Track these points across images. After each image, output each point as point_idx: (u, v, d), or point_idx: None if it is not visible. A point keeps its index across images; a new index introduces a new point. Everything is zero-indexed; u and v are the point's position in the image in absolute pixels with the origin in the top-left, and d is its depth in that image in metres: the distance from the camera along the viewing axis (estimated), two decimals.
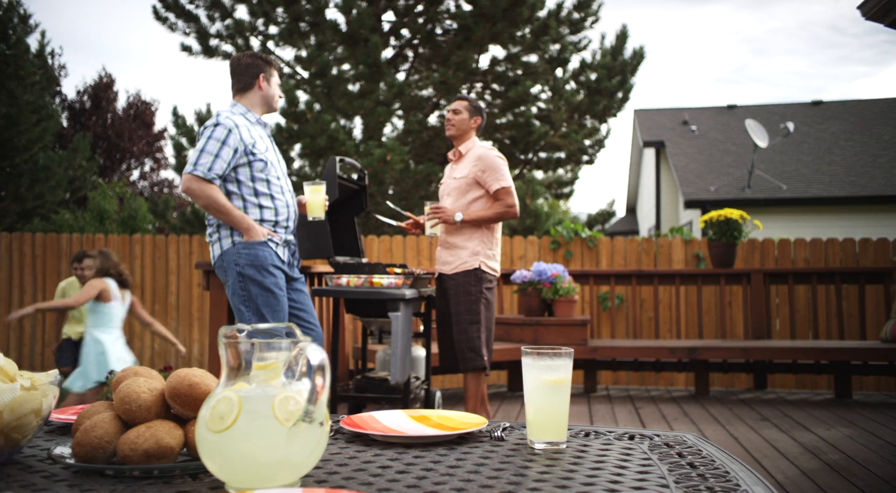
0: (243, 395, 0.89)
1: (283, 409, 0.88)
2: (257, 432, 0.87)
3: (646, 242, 7.02)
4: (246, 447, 0.86)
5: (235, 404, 0.88)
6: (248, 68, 3.14)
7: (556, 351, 1.22)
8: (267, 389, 0.91)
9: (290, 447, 0.87)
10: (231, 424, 0.87)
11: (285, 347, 0.92)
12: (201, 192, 2.93)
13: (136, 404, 0.99)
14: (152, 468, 0.95)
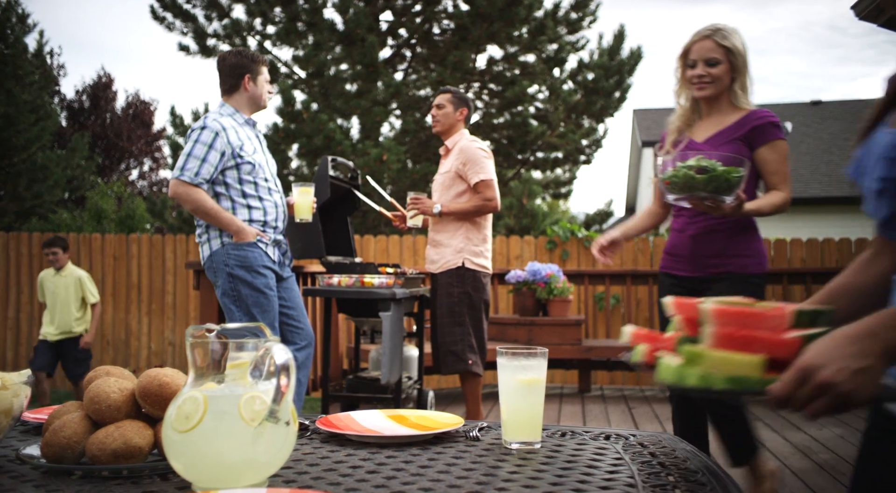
0: (209, 395, 0.89)
1: (249, 409, 0.89)
2: (223, 431, 0.87)
3: (642, 242, 7.02)
4: (211, 446, 0.87)
5: (201, 403, 0.88)
6: (234, 69, 3.12)
7: (531, 351, 1.22)
8: (234, 388, 0.91)
9: (255, 447, 0.87)
10: (196, 423, 0.87)
11: (252, 347, 0.92)
12: (188, 197, 2.93)
13: (106, 404, 0.99)
14: (121, 467, 0.95)
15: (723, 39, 2.35)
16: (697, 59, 2.36)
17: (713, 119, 2.45)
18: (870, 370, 0.75)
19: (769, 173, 2.37)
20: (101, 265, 7.59)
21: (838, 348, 0.76)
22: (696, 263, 2.45)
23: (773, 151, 2.37)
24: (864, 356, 0.75)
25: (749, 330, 0.78)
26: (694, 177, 1.99)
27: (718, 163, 2.01)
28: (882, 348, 0.75)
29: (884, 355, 0.76)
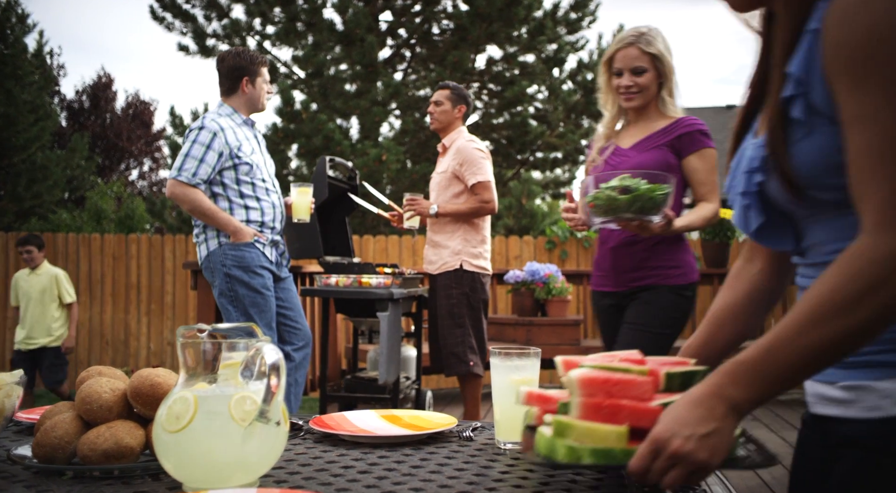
0: (200, 395, 0.89)
1: (239, 409, 0.89)
2: (213, 431, 0.87)
3: None
4: (202, 446, 0.87)
5: (191, 403, 0.88)
6: (232, 71, 3.12)
7: (524, 351, 1.22)
8: (225, 389, 0.91)
9: (245, 447, 0.87)
10: (187, 424, 0.87)
11: (243, 347, 0.92)
12: (185, 197, 2.93)
13: (98, 404, 0.99)
14: (112, 468, 0.95)
15: (647, 46, 2.26)
16: (623, 68, 2.29)
17: (641, 126, 2.38)
18: (717, 434, 0.74)
19: (698, 183, 2.29)
20: (100, 265, 7.59)
21: (684, 414, 0.74)
22: (617, 277, 2.35)
23: (702, 160, 2.28)
24: (710, 420, 0.73)
25: (615, 399, 0.77)
26: (616, 198, 1.89)
27: (643, 181, 1.92)
28: (726, 407, 0.74)
29: (730, 415, 0.74)
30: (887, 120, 0.72)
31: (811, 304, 0.73)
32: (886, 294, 0.70)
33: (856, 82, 0.74)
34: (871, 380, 0.81)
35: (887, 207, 0.71)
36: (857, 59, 0.73)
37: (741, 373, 0.75)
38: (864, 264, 0.71)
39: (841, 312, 0.71)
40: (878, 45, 0.72)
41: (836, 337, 0.72)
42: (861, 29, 0.73)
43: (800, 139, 0.82)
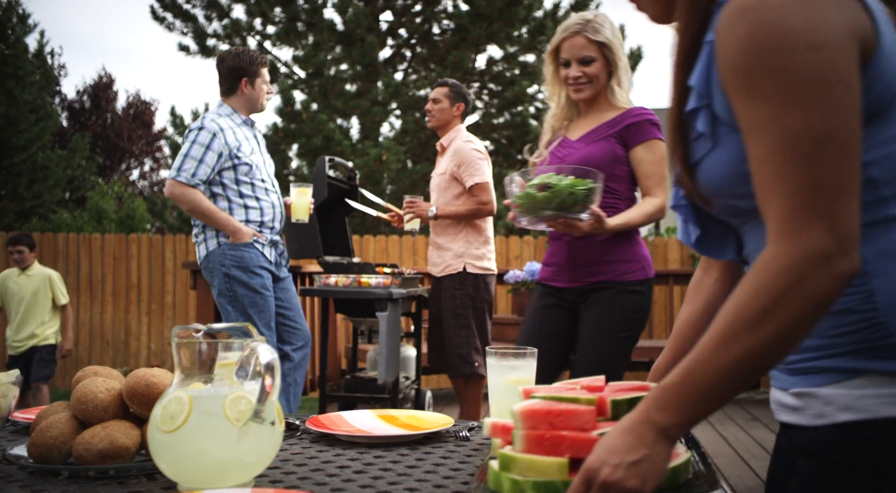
0: (194, 395, 0.89)
1: (234, 409, 0.89)
2: (208, 431, 0.87)
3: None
4: (196, 446, 0.87)
5: (186, 404, 0.88)
6: (231, 72, 3.12)
7: (520, 351, 1.22)
8: (220, 388, 0.92)
9: (240, 447, 0.88)
10: (181, 424, 0.87)
11: (239, 347, 0.92)
12: (185, 197, 2.93)
13: (93, 404, 0.99)
14: (108, 468, 0.95)
15: (594, 34, 2.14)
16: (570, 58, 2.15)
17: (590, 117, 2.26)
18: (647, 460, 0.72)
19: (644, 176, 2.17)
20: (100, 265, 7.60)
21: (614, 443, 0.73)
22: (572, 271, 2.22)
23: (649, 151, 2.16)
24: (640, 447, 0.72)
25: (557, 430, 0.76)
26: (535, 196, 1.79)
27: (568, 177, 1.82)
28: (655, 433, 0.73)
29: (659, 440, 0.73)
30: (776, 130, 0.71)
31: (724, 321, 0.72)
32: (793, 304, 0.69)
33: (744, 94, 0.74)
34: (814, 386, 0.81)
35: (785, 217, 0.71)
36: (741, 71, 0.73)
37: (665, 398, 0.74)
38: (769, 276, 0.71)
39: (750, 327, 0.70)
40: (757, 57, 0.72)
41: (750, 353, 0.70)
42: (740, 41, 0.73)
43: (708, 152, 0.82)
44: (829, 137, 0.70)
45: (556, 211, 1.81)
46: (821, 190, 0.70)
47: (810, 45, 0.70)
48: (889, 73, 0.76)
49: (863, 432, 0.76)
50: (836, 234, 0.69)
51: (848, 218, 0.70)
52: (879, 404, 0.75)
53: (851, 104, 0.71)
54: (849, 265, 0.69)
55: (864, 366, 0.76)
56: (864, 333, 0.77)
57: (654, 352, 5.37)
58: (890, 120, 0.77)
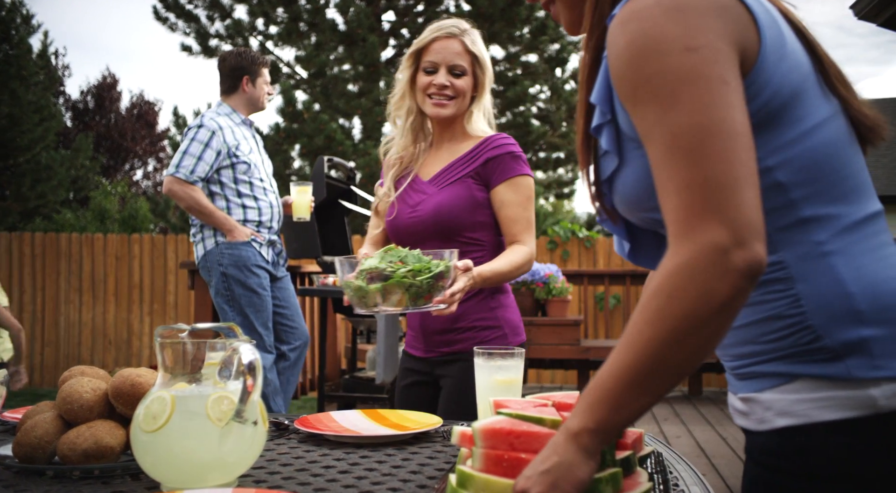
0: (177, 394, 0.90)
1: (216, 409, 0.89)
2: (189, 431, 0.87)
3: None
4: (178, 446, 0.87)
5: (168, 403, 0.88)
6: (233, 70, 3.14)
7: (508, 351, 1.22)
8: (203, 388, 0.92)
9: (222, 447, 0.88)
10: (164, 423, 0.87)
11: (222, 347, 0.93)
12: (183, 194, 2.94)
13: (78, 404, 0.99)
14: (92, 467, 0.95)
15: (472, 44, 1.75)
16: (439, 63, 1.73)
17: (443, 149, 1.81)
18: (557, 467, 0.71)
19: (508, 221, 1.73)
20: (103, 265, 7.62)
21: (538, 456, 0.73)
22: (426, 340, 1.78)
23: (513, 191, 1.73)
24: (552, 455, 0.72)
25: (516, 452, 0.76)
26: (365, 289, 1.41)
27: (411, 255, 1.44)
28: (567, 439, 0.72)
29: (571, 445, 0.72)
30: (662, 133, 0.71)
31: (628, 326, 0.71)
32: (687, 302, 0.67)
33: (632, 102, 0.74)
34: (755, 392, 0.80)
35: (678, 217, 0.70)
36: (625, 79, 0.74)
37: (577, 404, 0.73)
38: (663, 277, 0.70)
39: (647, 327, 0.69)
40: (637, 64, 0.72)
41: (648, 354, 0.69)
42: (621, 51, 0.74)
43: (617, 169, 0.82)
44: (711, 132, 0.69)
45: (395, 306, 1.43)
46: (709, 185, 0.68)
47: (685, 47, 0.71)
48: (776, 78, 0.76)
49: (798, 437, 0.76)
50: (729, 227, 0.67)
51: (742, 209, 0.68)
52: (813, 408, 0.75)
53: (732, 99, 0.70)
54: (746, 257, 0.67)
55: (797, 370, 0.76)
56: (794, 338, 0.76)
57: None
58: (784, 124, 0.76)
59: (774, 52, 0.76)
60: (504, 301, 1.78)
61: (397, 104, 1.80)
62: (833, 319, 0.75)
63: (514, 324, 1.78)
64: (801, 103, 0.77)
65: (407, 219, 1.75)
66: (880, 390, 0.73)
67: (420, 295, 1.40)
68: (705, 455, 3.62)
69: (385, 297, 1.38)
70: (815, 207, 0.77)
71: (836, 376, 0.74)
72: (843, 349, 0.74)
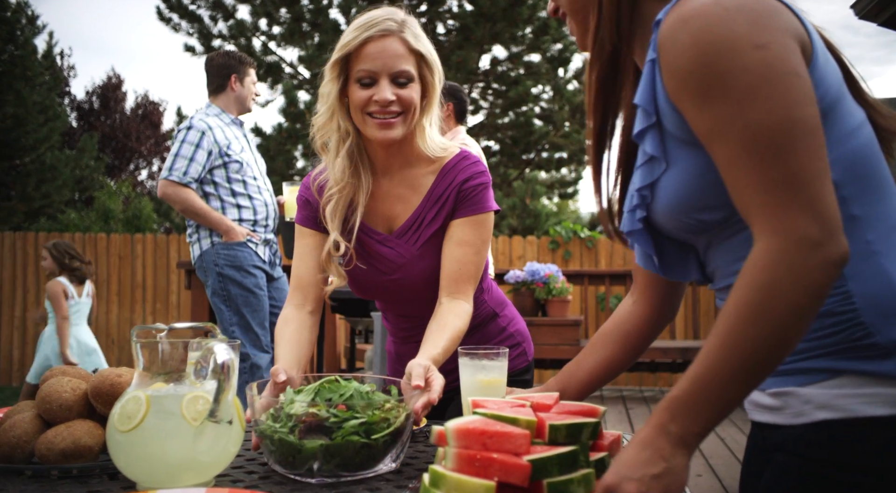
0: (152, 394, 0.90)
1: (191, 408, 0.89)
2: (164, 431, 0.88)
3: None
4: (153, 446, 0.87)
5: (143, 403, 0.89)
6: (221, 69, 3.14)
7: (493, 351, 1.22)
8: (180, 388, 0.92)
9: (197, 447, 0.88)
10: (138, 423, 0.88)
11: (198, 347, 0.93)
12: (177, 197, 2.95)
13: (57, 404, 1.00)
14: (71, 467, 0.96)
15: (416, 40, 1.35)
16: (379, 72, 1.33)
17: (396, 179, 1.42)
18: (669, 472, 0.72)
19: (456, 263, 1.37)
20: (106, 265, 7.65)
21: (633, 458, 0.74)
22: None
23: (474, 231, 1.38)
24: (658, 460, 0.72)
25: (488, 452, 0.76)
26: (296, 445, 0.94)
27: (359, 392, 1.04)
28: (674, 444, 0.73)
29: (678, 451, 0.73)
30: (739, 130, 0.72)
31: (724, 323, 0.72)
32: (789, 295, 0.70)
33: (699, 101, 0.74)
34: (795, 386, 0.81)
35: (767, 212, 0.72)
36: (692, 77, 0.74)
37: (677, 408, 0.74)
38: (758, 273, 0.71)
39: (750, 324, 0.71)
40: (706, 61, 0.73)
41: (754, 350, 0.71)
42: (686, 48, 0.74)
43: (662, 173, 0.83)
44: (793, 126, 0.71)
45: (336, 468, 0.96)
46: (797, 179, 0.71)
47: (755, 44, 0.72)
48: (827, 77, 0.78)
49: (840, 430, 0.77)
50: (820, 220, 0.70)
51: (828, 202, 0.71)
52: (858, 403, 0.77)
53: (807, 93, 0.72)
54: (838, 249, 0.70)
55: (844, 366, 0.78)
56: (844, 334, 0.78)
57: (652, 353, 5.37)
58: (833, 123, 0.78)
59: (821, 54, 0.79)
60: (510, 314, 1.57)
61: (325, 126, 1.39)
62: (884, 316, 0.77)
63: (525, 334, 1.60)
64: (842, 106, 0.80)
65: (381, 282, 1.42)
66: None
67: (373, 458, 0.98)
68: (703, 456, 3.61)
69: (327, 458, 0.94)
70: (862, 206, 0.79)
71: (884, 374, 0.76)
72: (892, 346, 0.76)
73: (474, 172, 1.39)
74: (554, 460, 0.77)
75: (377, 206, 1.43)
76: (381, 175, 1.43)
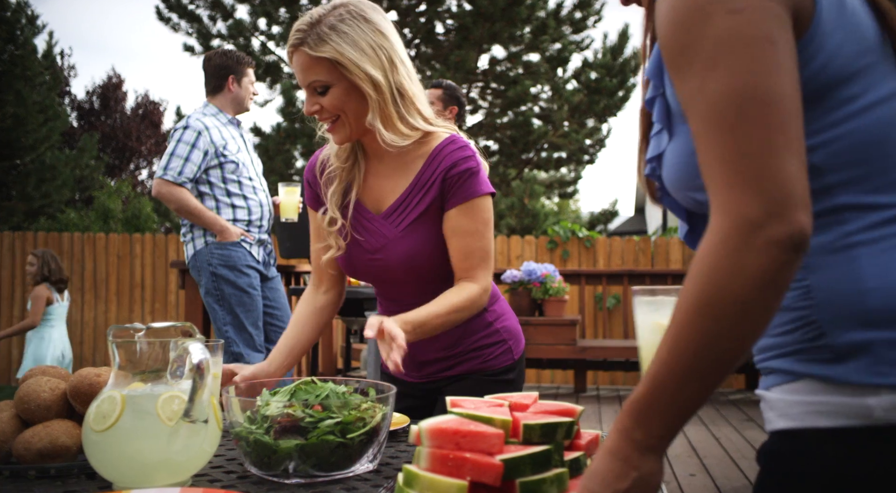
0: (127, 394, 0.90)
1: (167, 408, 0.89)
2: (139, 431, 0.88)
3: (643, 241, 7.00)
4: (127, 445, 0.87)
5: (119, 403, 0.89)
6: (218, 70, 3.14)
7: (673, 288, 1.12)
8: (157, 388, 0.92)
9: (171, 447, 0.88)
10: (113, 423, 0.88)
11: (173, 346, 0.93)
12: (171, 196, 2.95)
13: (36, 404, 1.00)
14: (49, 467, 0.96)
15: (317, 45, 1.32)
16: (303, 85, 1.39)
17: (386, 162, 1.46)
18: (640, 482, 0.68)
19: (459, 253, 1.40)
20: (105, 265, 7.66)
21: (601, 469, 0.70)
22: (418, 369, 1.53)
23: (470, 217, 1.39)
24: (630, 470, 0.68)
25: (462, 451, 0.75)
26: (271, 445, 0.94)
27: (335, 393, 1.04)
28: (641, 451, 0.69)
29: (645, 457, 0.69)
30: (701, 104, 0.67)
31: (675, 317, 0.66)
32: (727, 285, 0.63)
33: (676, 72, 0.70)
34: (766, 389, 0.76)
35: (717, 190, 0.66)
36: (668, 47, 0.70)
37: (639, 412, 0.69)
38: (700, 259, 0.65)
39: (697, 318, 0.64)
40: (679, 29, 0.68)
41: (704, 343, 0.64)
42: (665, 17, 0.70)
43: (667, 144, 0.79)
44: (747, 97, 0.65)
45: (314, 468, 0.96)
46: (746, 154, 0.64)
47: (729, 9, 0.66)
48: (825, 52, 0.70)
49: (791, 442, 0.72)
50: (764, 197, 0.62)
51: (780, 179, 0.63)
52: (807, 412, 0.70)
53: (778, 60, 0.66)
54: (783, 228, 0.62)
55: (801, 369, 0.71)
56: (799, 332, 0.71)
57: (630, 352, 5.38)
58: (832, 102, 0.71)
59: (831, 20, 0.70)
60: (500, 310, 1.54)
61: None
62: (840, 315, 0.69)
63: (515, 332, 1.56)
64: (858, 79, 0.71)
65: (364, 261, 1.45)
66: (878, 399, 0.67)
67: (349, 457, 0.97)
68: (697, 455, 3.61)
69: (302, 458, 0.94)
70: (855, 195, 0.71)
71: (834, 379, 0.69)
72: (846, 350, 0.68)
73: (458, 159, 1.40)
74: (526, 459, 0.77)
75: (370, 186, 1.48)
76: (372, 156, 1.49)
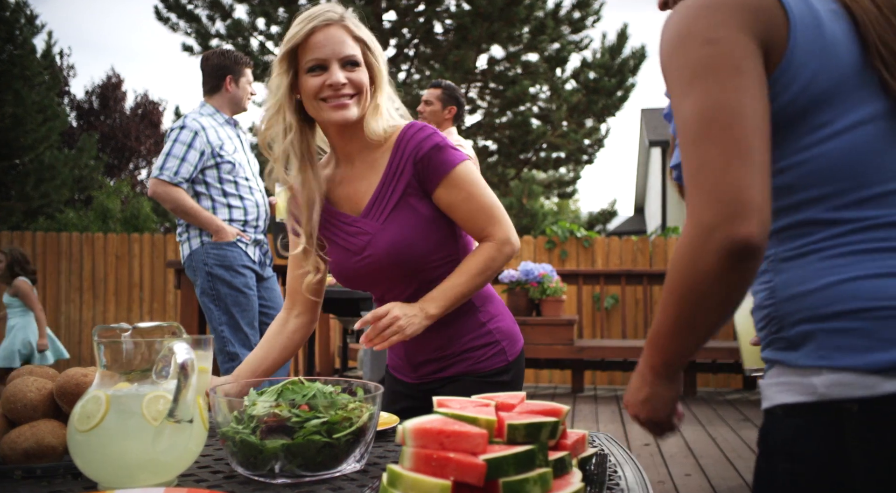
0: (112, 394, 0.90)
1: (152, 408, 0.89)
2: (123, 431, 0.87)
3: (641, 241, 7.00)
4: (112, 445, 0.87)
5: (103, 403, 0.89)
6: (216, 70, 3.13)
7: None
8: (142, 387, 0.92)
9: (156, 447, 0.88)
10: (97, 423, 0.88)
11: (159, 346, 0.93)
12: (167, 196, 2.95)
13: (22, 404, 1.00)
14: (35, 467, 0.96)
15: (357, 28, 1.44)
16: (328, 58, 1.38)
17: (357, 163, 1.46)
18: (653, 396, 0.88)
19: (465, 221, 1.42)
20: (103, 264, 7.66)
21: (631, 383, 0.90)
22: (412, 369, 1.54)
23: (455, 189, 1.39)
24: (644, 386, 0.88)
25: (445, 451, 0.75)
26: (258, 447, 0.94)
27: (321, 392, 1.04)
28: (654, 373, 0.87)
29: (658, 379, 0.88)
30: (679, 119, 0.78)
31: (663, 290, 0.81)
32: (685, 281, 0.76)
33: (668, 92, 0.81)
34: (763, 378, 0.87)
35: (687, 197, 0.76)
36: (662, 72, 0.81)
37: (650, 345, 0.86)
38: (676, 251, 0.77)
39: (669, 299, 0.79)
40: (666, 56, 0.79)
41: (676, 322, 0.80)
42: (659, 46, 0.81)
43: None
44: (713, 117, 0.73)
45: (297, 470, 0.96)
46: (706, 166, 0.73)
47: (705, 40, 0.76)
48: (799, 82, 0.77)
49: (768, 418, 0.84)
50: (717, 205, 0.72)
51: (732, 189, 0.71)
52: (776, 391, 0.82)
53: (745, 85, 0.74)
54: (729, 235, 0.71)
55: (772, 357, 0.83)
56: (770, 327, 0.83)
57: (628, 352, 5.38)
58: (804, 128, 0.78)
59: (804, 53, 0.77)
60: (494, 311, 1.52)
61: (271, 119, 1.42)
62: (792, 311, 0.80)
63: (509, 333, 1.53)
64: (831, 107, 0.78)
65: (354, 266, 1.44)
66: (820, 379, 0.78)
67: (335, 457, 0.97)
68: (693, 456, 3.61)
69: (289, 458, 0.94)
70: (822, 212, 0.79)
71: (789, 363, 0.81)
72: (797, 339, 0.80)
73: (421, 139, 1.40)
74: (510, 459, 0.77)
75: (343, 190, 1.48)
76: (342, 161, 1.49)
